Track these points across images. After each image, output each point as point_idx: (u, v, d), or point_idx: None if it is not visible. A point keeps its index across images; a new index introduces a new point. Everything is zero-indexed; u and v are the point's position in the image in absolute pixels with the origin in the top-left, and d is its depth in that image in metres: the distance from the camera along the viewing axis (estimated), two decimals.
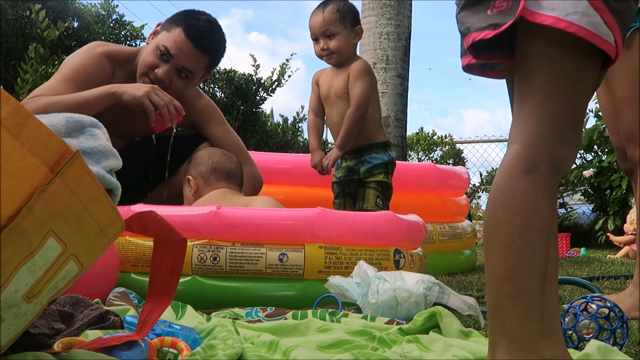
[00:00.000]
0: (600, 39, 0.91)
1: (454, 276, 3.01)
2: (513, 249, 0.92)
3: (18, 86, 4.97)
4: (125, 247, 1.93)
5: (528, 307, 0.90)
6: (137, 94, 2.26)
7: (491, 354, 0.92)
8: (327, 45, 2.74)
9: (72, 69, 2.41)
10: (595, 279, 2.85)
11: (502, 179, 0.96)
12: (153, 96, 2.26)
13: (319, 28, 2.75)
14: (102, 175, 1.07)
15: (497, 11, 0.95)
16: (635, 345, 1.40)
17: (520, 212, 0.92)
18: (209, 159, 2.44)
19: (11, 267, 0.78)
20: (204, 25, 2.46)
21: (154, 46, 2.44)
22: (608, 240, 5.87)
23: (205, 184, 2.39)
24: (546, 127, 0.94)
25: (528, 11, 0.92)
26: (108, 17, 6.69)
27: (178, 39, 2.41)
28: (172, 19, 2.48)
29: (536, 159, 0.93)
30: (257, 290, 1.86)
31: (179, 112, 2.31)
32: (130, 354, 1.02)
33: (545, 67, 0.95)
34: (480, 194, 9.65)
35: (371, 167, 2.75)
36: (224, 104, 7.10)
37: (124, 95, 2.27)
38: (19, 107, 0.79)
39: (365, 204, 2.71)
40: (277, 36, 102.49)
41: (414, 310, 1.60)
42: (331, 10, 2.74)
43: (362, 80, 2.73)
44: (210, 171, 2.40)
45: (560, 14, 0.91)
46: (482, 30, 0.97)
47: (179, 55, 2.42)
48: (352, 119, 2.70)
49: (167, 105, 2.28)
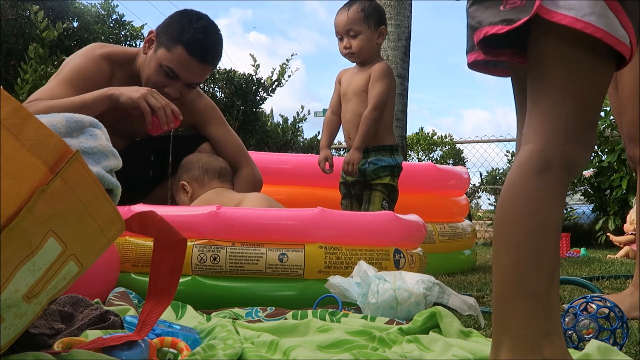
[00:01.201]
0: (617, 40, 0.91)
1: (454, 276, 3.01)
2: (522, 248, 0.91)
3: (18, 86, 4.97)
4: (125, 247, 1.93)
5: (533, 307, 0.90)
6: (134, 96, 2.26)
7: (494, 352, 0.92)
8: (350, 44, 2.75)
9: (71, 72, 2.41)
10: (595, 279, 2.85)
11: (514, 178, 0.95)
12: (150, 99, 2.26)
13: (342, 27, 2.76)
14: (102, 175, 1.07)
15: (511, 7, 0.95)
16: (635, 345, 1.40)
17: (532, 213, 0.92)
18: (198, 162, 2.47)
19: (11, 267, 0.78)
20: (203, 37, 2.43)
21: (156, 64, 2.41)
22: (608, 240, 5.87)
23: (199, 186, 2.42)
24: (561, 127, 0.94)
25: (544, 9, 0.92)
26: (108, 17, 6.69)
27: (183, 59, 2.40)
28: (168, 31, 2.43)
29: (550, 159, 0.93)
30: (257, 290, 1.86)
31: (176, 116, 2.30)
32: (130, 354, 1.02)
33: (560, 67, 0.94)
34: (480, 194, 9.65)
35: (377, 168, 2.74)
36: (224, 104, 7.10)
37: (121, 98, 2.27)
38: (19, 107, 0.79)
39: (371, 207, 2.71)
40: (276, 36, 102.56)
41: (414, 310, 1.60)
42: (356, 9, 2.75)
43: (383, 81, 2.74)
44: (202, 173, 2.43)
45: (578, 14, 0.90)
46: (494, 25, 0.96)
47: (186, 74, 2.43)
48: (370, 118, 2.70)
49: (164, 108, 2.27)
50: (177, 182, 2.47)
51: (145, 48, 2.48)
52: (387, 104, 2.77)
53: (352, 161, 2.69)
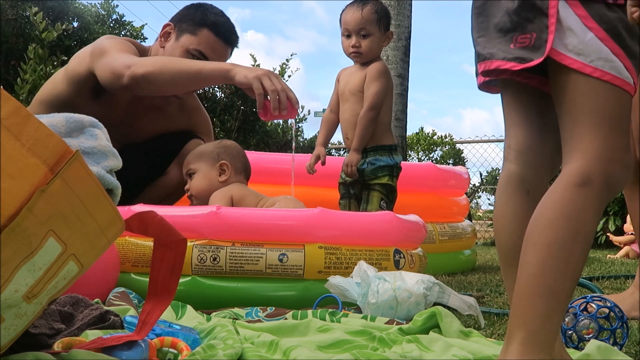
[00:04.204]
0: (623, 81, 1.01)
1: (454, 276, 3.01)
2: (552, 250, 0.95)
3: (18, 86, 4.98)
4: (125, 247, 1.93)
5: (553, 307, 0.93)
6: (250, 75, 2.09)
7: (506, 345, 0.95)
8: (360, 43, 2.74)
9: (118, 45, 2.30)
10: (595, 279, 2.85)
11: (554, 187, 1.01)
12: (265, 80, 2.07)
13: (355, 25, 2.73)
14: (102, 175, 1.08)
15: (520, 46, 1.04)
16: (635, 345, 1.40)
17: (567, 218, 0.96)
18: (244, 157, 2.47)
19: (11, 267, 0.78)
20: (224, 20, 2.48)
21: (182, 50, 2.40)
22: (608, 240, 5.87)
23: (235, 173, 2.41)
24: (600, 148, 1.00)
25: (555, 51, 1.01)
26: (108, 17, 6.70)
27: (210, 40, 2.42)
28: (189, 19, 2.44)
29: (591, 175, 0.98)
30: (257, 290, 1.86)
31: (293, 103, 2.11)
32: (130, 354, 1.02)
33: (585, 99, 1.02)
34: (480, 194, 9.66)
35: (375, 168, 2.74)
36: (224, 104, 7.10)
37: (236, 76, 2.11)
38: (19, 107, 0.79)
39: (369, 207, 2.71)
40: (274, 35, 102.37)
41: (414, 310, 1.60)
42: (370, 10, 2.73)
43: (379, 81, 2.74)
44: (242, 168, 2.44)
45: (586, 60, 1.00)
46: (508, 61, 1.06)
47: (213, 55, 2.43)
48: (366, 119, 2.70)
49: (278, 92, 2.07)
50: (214, 155, 2.39)
51: (162, 42, 2.47)
52: (384, 104, 2.77)
53: (351, 163, 2.69)
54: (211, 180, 2.37)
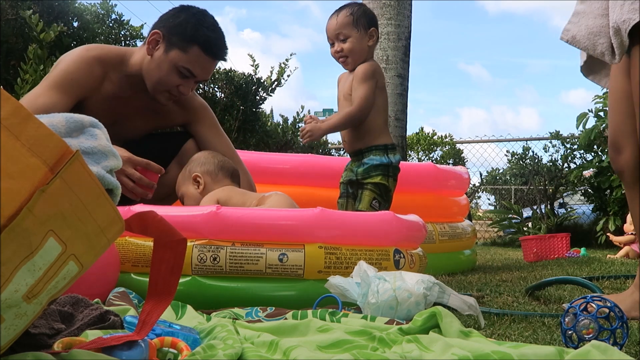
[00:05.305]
0: None
1: (454, 276, 3.01)
2: None
3: (18, 86, 4.97)
4: (125, 247, 1.93)
5: None
6: None
7: None
8: (341, 47, 2.77)
9: (60, 75, 2.39)
10: (595, 279, 2.85)
11: None
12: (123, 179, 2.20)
13: (332, 31, 2.80)
14: (102, 175, 1.07)
15: None
16: (635, 345, 1.40)
17: None
18: (213, 158, 2.46)
19: (11, 267, 0.78)
20: (216, 35, 2.46)
21: (170, 65, 2.40)
22: (608, 240, 5.87)
23: (212, 181, 2.40)
24: None
25: None
26: (107, 17, 6.69)
27: (200, 59, 2.42)
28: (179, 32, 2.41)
29: None
30: (257, 290, 1.86)
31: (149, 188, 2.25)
32: (130, 354, 1.02)
33: None
34: (480, 194, 9.66)
35: (368, 168, 2.75)
36: (224, 104, 7.10)
37: None
38: (19, 107, 0.79)
39: (360, 205, 2.72)
40: (270, 33, 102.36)
41: (414, 310, 1.60)
42: (345, 14, 2.78)
43: (366, 84, 2.74)
44: (217, 169, 2.42)
45: None
46: None
47: (201, 72, 2.45)
48: (350, 115, 2.73)
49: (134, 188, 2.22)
50: (187, 173, 2.45)
51: (150, 49, 2.44)
52: (376, 104, 2.78)
53: (312, 131, 2.72)
54: (194, 196, 2.41)
